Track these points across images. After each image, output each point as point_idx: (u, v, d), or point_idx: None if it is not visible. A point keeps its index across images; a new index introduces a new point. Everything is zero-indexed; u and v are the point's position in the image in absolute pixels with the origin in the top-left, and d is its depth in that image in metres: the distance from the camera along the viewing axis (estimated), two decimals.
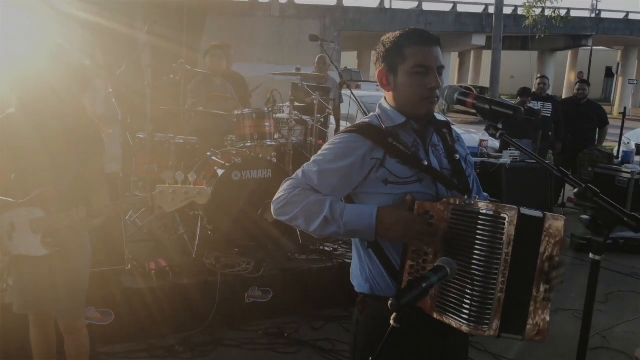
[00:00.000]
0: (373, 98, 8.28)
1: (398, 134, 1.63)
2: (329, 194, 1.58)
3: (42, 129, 2.21)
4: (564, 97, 21.65)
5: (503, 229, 1.37)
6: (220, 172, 3.90)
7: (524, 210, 1.39)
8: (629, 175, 6.59)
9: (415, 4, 24.20)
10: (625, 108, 9.06)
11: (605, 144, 8.01)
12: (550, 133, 7.42)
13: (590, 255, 1.25)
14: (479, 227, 1.40)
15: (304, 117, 4.87)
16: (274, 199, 1.62)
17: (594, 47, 28.68)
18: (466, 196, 1.57)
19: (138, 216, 4.20)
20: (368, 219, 1.51)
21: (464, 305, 1.41)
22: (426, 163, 1.60)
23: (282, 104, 4.74)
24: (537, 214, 1.42)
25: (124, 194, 4.05)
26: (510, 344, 3.32)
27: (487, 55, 26.60)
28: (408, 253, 1.54)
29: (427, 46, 1.59)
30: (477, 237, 1.40)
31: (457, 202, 1.48)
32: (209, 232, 3.94)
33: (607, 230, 1.23)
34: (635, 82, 28.05)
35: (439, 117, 1.78)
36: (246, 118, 4.20)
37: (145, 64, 5.62)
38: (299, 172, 1.64)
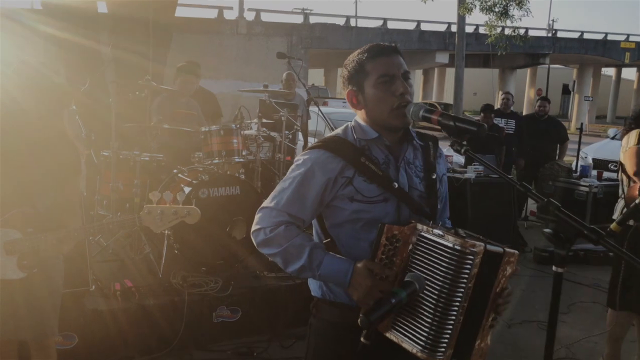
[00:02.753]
0: (340, 115, 8.36)
1: (370, 150, 1.63)
2: (306, 217, 1.62)
3: (10, 149, 2.13)
4: (524, 113, 22.35)
5: (470, 265, 1.38)
6: (187, 189, 3.85)
7: (490, 247, 1.41)
8: (587, 189, 6.83)
9: (380, 23, 24.69)
10: (582, 124, 9.39)
11: (564, 158, 8.27)
12: (513, 149, 7.62)
13: (553, 267, 1.28)
14: (444, 259, 1.40)
15: (272, 134, 4.86)
16: (253, 230, 1.63)
17: (551, 65, 29.77)
18: (431, 222, 1.58)
19: (102, 236, 4.09)
20: (342, 278, 1.54)
21: (422, 331, 1.41)
22: (396, 185, 1.60)
23: (249, 121, 4.73)
24: (499, 250, 1.44)
25: (88, 213, 3.94)
26: None
27: (450, 72, 27.28)
28: None
29: (386, 56, 1.62)
30: (442, 269, 1.40)
31: (424, 229, 1.48)
32: (176, 251, 3.87)
33: (569, 242, 1.26)
34: (591, 98, 29.17)
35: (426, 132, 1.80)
36: (213, 135, 4.16)
37: (110, 80, 5.54)
38: (274, 198, 1.63)
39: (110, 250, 4.08)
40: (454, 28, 19.23)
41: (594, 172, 8.17)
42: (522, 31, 12.91)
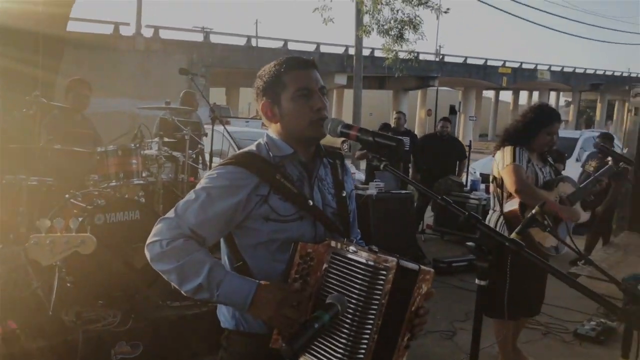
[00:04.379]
0: (243, 134, 8.28)
1: (285, 167, 1.59)
2: (209, 236, 1.51)
3: None
4: (416, 131, 23.90)
5: (382, 281, 1.36)
6: (80, 215, 3.55)
7: (403, 263, 1.40)
8: (477, 201, 7.40)
9: (281, 44, 24.98)
10: (470, 141, 10.11)
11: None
12: (409, 165, 8.00)
13: (476, 280, 1.31)
14: (358, 276, 1.38)
15: (175, 153, 4.67)
16: (148, 242, 1.49)
17: (439, 88, 31.88)
18: (345, 239, 1.56)
19: None
20: (243, 300, 1.44)
21: (336, 352, 1.38)
22: (311, 202, 1.56)
23: (150, 140, 4.51)
24: (414, 267, 1.45)
25: None
26: None
27: (348, 93, 28.23)
28: None
29: (305, 70, 1.60)
30: (356, 286, 1.38)
31: (338, 246, 1.46)
32: (68, 284, 3.53)
33: (490, 254, 1.30)
34: (475, 118, 31.71)
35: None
36: (110, 155, 3.91)
37: None
38: (177, 210, 1.52)
39: None
40: (351, 51, 19.98)
41: (482, 186, 8.83)
42: (415, 54, 13.72)
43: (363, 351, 1.36)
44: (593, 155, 6.63)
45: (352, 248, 1.43)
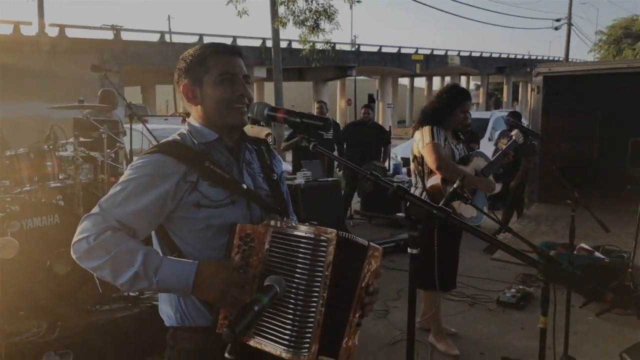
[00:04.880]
0: (164, 131, 8.02)
1: (211, 154, 1.57)
2: (139, 228, 1.45)
3: None
4: (338, 120, 24.36)
5: (324, 251, 1.37)
6: None
7: (345, 235, 1.43)
8: (400, 184, 7.64)
9: (197, 38, 24.32)
10: (390, 127, 10.44)
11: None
12: (335, 152, 8.13)
13: (409, 249, 1.37)
14: (300, 250, 1.38)
15: (92, 153, 4.45)
16: (74, 241, 1.41)
17: (357, 77, 32.51)
18: (285, 218, 1.56)
19: None
20: (185, 281, 1.39)
21: (284, 330, 1.37)
22: (245, 186, 1.56)
23: (65, 141, 4.27)
24: (363, 242, 1.49)
25: None
26: None
27: (268, 86, 28.07)
28: None
29: (231, 56, 1.59)
30: (299, 260, 1.38)
31: (278, 225, 1.46)
32: None
33: (420, 223, 1.37)
34: (392, 105, 32.65)
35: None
36: (21, 159, 3.67)
37: None
38: (102, 204, 1.45)
39: None
40: (268, 43, 19.86)
41: (404, 170, 9.15)
42: (331, 45, 13.87)
43: (311, 325, 1.35)
44: (504, 134, 7.07)
45: (291, 224, 1.45)
